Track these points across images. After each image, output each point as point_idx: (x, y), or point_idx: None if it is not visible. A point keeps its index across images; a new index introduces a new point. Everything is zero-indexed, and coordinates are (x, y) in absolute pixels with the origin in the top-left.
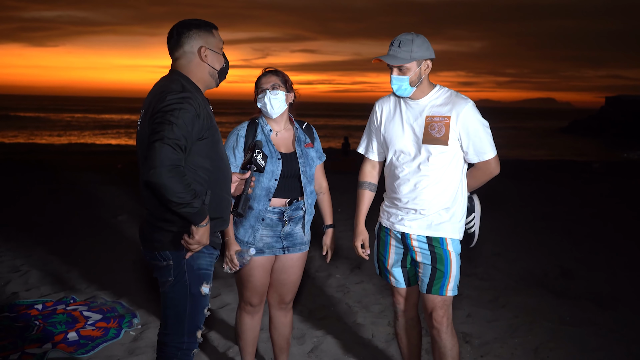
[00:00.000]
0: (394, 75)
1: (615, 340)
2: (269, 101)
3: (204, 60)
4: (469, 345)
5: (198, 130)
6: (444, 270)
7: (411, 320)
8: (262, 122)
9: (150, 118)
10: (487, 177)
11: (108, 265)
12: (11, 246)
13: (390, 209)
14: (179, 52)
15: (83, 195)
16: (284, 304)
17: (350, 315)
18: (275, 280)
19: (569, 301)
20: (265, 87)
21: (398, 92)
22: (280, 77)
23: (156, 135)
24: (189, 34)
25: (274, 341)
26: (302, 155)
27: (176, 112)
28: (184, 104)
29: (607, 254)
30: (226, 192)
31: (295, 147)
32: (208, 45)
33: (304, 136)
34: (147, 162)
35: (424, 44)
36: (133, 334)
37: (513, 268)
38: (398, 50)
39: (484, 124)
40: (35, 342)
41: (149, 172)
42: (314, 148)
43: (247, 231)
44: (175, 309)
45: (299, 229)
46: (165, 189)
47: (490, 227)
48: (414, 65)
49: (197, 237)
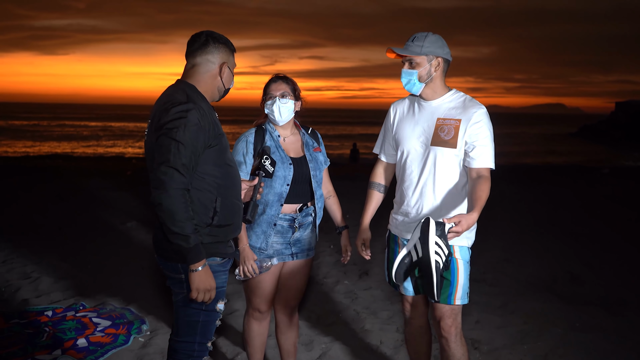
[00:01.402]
0: (404, 69)
1: (625, 346)
2: (277, 109)
3: (220, 76)
4: (478, 351)
5: (204, 141)
6: (450, 279)
7: (420, 327)
8: (269, 128)
9: (156, 131)
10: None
11: (117, 271)
12: (22, 253)
13: (398, 216)
14: (201, 58)
15: (93, 201)
16: (289, 308)
17: (358, 322)
18: (282, 285)
19: (578, 307)
20: (275, 94)
21: (407, 87)
22: (290, 85)
23: (162, 157)
24: (219, 45)
25: (281, 346)
26: (312, 159)
27: (181, 129)
28: (187, 117)
29: (616, 260)
30: (236, 198)
31: (305, 151)
32: (229, 63)
33: (312, 141)
34: (153, 183)
35: (438, 41)
36: (142, 340)
37: (521, 274)
38: (411, 44)
39: (491, 133)
40: (45, 348)
41: (155, 194)
42: (321, 152)
43: (259, 237)
44: (188, 318)
45: (307, 235)
46: (168, 214)
47: (498, 233)
48: (424, 61)
49: (193, 286)
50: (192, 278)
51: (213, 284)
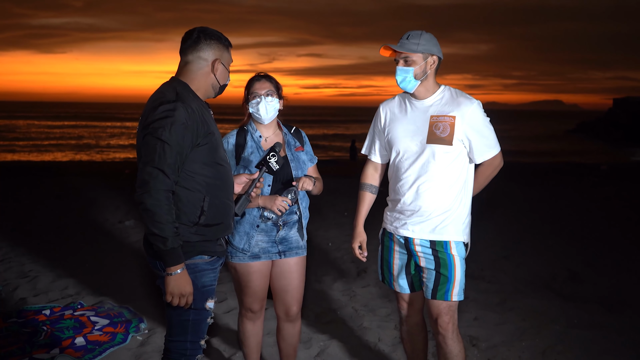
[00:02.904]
0: (399, 67)
1: (623, 344)
2: (263, 107)
3: (213, 72)
4: (476, 348)
5: (191, 140)
6: (448, 275)
7: (416, 325)
8: (251, 128)
9: (143, 130)
10: (494, 171)
11: (115, 270)
12: (19, 251)
13: (394, 213)
14: (193, 56)
15: (91, 200)
16: (291, 315)
17: (356, 319)
18: (277, 287)
19: (576, 304)
20: (260, 92)
21: (402, 84)
22: (274, 83)
23: (148, 157)
24: (210, 42)
25: (281, 349)
26: (294, 159)
27: (167, 128)
28: (174, 116)
29: (615, 258)
30: (227, 198)
31: (286, 151)
32: (222, 59)
33: (294, 140)
34: (138, 182)
35: (432, 40)
36: (140, 338)
37: (520, 271)
38: (406, 42)
39: (487, 122)
40: (43, 347)
41: (138, 193)
42: (304, 151)
43: (242, 238)
44: (178, 318)
45: (294, 233)
46: (149, 215)
47: (497, 231)
48: (420, 58)
49: (168, 289)
50: (167, 281)
51: (189, 289)
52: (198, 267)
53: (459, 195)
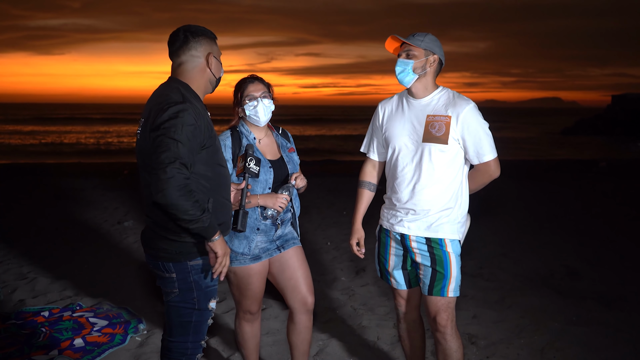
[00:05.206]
0: (400, 59)
1: (622, 340)
2: (261, 109)
3: (209, 67)
4: (475, 346)
5: (200, 141)
6: (443, 272)
7: (413, 322)
8: (244, 130)
9: (152, 131)
10: (487, 180)
11: (114, 271)
12: (18, 253)
13: (390, 210)
14: (185, 56)
15: (89, 200)
16: (308, 304)
17: (355, 318)
18: (283, 280)
19: (575, 301)
20: (256, 95)
21: (400, 75)
22: (266, 85)
23: (162, 156)
24: (199, 38)
25: (295, 347)
26: (289, 160)
27: (179, 128)
28: (184, 117)
29: (613, 254)
30: (226, 198)
31: (281, 153)
32: (213, 52)
33: (285, 141)
34: (155, 185)
35: (436, 42)
36: (139, 339)
37: (518, 269)
38: (411, 37)
39: (484, 126)
40: (42, 349)
41: (158, 195)
42: (295, 152)
43: (242, 242)
44: (181, 319)
45: (288, 229)
46: (176, 209)
47: (495, 228)
48: (421, 54)
49: (219, 252)
50: (214, 246)
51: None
52: (201, 267)
53: (456, 194)
